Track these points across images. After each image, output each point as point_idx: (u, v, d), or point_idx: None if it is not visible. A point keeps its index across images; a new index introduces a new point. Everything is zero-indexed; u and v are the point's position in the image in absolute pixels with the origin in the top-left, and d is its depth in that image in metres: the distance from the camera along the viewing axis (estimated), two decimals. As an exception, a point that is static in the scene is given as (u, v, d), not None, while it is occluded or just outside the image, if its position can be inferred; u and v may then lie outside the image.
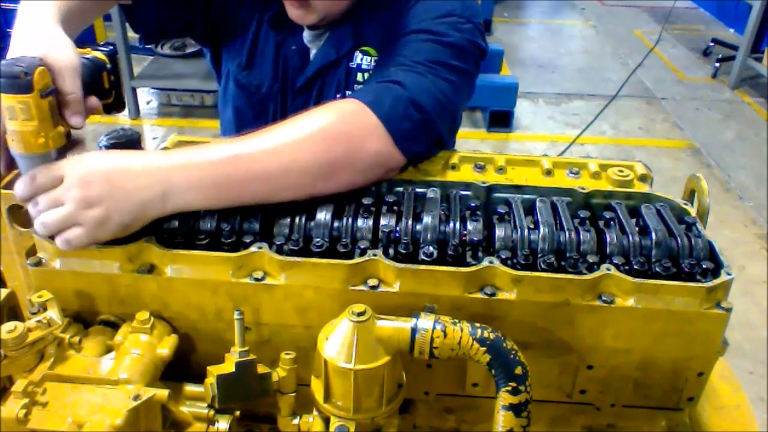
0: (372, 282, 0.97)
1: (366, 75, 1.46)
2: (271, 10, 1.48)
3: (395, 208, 1.06)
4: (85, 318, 1.01)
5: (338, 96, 1.47)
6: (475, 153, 1.27)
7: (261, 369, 0.93)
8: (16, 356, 0.87)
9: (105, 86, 1.16)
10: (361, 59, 1.46)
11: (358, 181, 1.10)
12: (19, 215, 1.09)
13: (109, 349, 0.95)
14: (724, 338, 0.99)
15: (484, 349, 0.86)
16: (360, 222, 1.04)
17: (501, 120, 5.61)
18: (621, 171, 1.23)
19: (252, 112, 1.59)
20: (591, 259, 0.99)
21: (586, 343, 1.00)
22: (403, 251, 1.00)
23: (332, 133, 1.07)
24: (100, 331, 0.97)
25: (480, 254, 1.01)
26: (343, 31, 1.45)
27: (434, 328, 0.87)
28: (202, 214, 1.03)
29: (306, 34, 1.50)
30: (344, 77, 1.48)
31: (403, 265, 0.95)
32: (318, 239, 1.01)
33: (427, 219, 1.03)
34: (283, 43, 1.50)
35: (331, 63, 1.48)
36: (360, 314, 0.86)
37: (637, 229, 1.04)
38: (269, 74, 1.53)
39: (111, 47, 1.19)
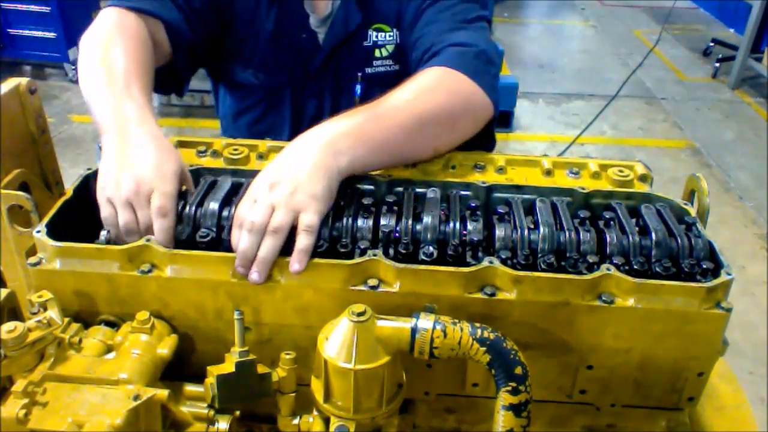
0: (372, 282, 0.97)
1: (384, 49, 1.52)
2: (274, 6, 1.50)
3: (395, 208, 1.06)
4: (85, 318, 1.01)
5: (359, 75, 1.54)
6: (475, 153, 1.27)
7: (261, 369, 0.93)
8: (16, 356, 0.86)
9: None
10: (377, 36, 1.52)
11: (470, 131, 1.25)
12: (19, 215, 1.08)
13: (109, 349, 0.95)
14: (724, 338, 0.99)
15: (484, 349, 0.86)
16: (360, 222, 1.04)
17: (501, 120, 5.60)
18: (621, 171, 1.23)
19: (265, 106, 1.63)
20: (591, 259, 0.99)
21: (586, 343, 0.99)
22: (403, 251, 1.00)
23: (447, 88, 1.22)
24: (100, 331, 0.97)
25: (480, 254, 1.01)
26: (350, 8, 1.48)
27: (434, 328, 0.87)
28: (202, 214, 1.03)
29: (312, 20, 1.52)
30: (362, 56, 1.52)
31: (403, 265, 0.95)
32: (318, 239, 1.01)
33: (427, 219, 1.02)
34: (291, 35, 1.53)
35: (342, 42, 1.51)
36: (360, 314, 0.86)
37: (637, 229, 1.04)
38: (282, 67, 1.56)
39: None
